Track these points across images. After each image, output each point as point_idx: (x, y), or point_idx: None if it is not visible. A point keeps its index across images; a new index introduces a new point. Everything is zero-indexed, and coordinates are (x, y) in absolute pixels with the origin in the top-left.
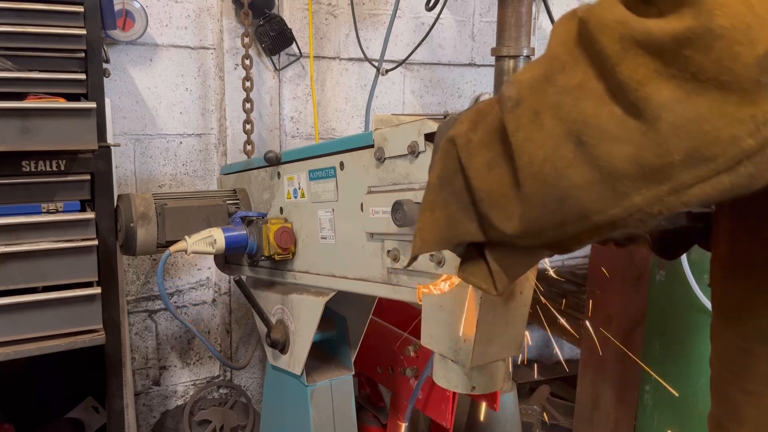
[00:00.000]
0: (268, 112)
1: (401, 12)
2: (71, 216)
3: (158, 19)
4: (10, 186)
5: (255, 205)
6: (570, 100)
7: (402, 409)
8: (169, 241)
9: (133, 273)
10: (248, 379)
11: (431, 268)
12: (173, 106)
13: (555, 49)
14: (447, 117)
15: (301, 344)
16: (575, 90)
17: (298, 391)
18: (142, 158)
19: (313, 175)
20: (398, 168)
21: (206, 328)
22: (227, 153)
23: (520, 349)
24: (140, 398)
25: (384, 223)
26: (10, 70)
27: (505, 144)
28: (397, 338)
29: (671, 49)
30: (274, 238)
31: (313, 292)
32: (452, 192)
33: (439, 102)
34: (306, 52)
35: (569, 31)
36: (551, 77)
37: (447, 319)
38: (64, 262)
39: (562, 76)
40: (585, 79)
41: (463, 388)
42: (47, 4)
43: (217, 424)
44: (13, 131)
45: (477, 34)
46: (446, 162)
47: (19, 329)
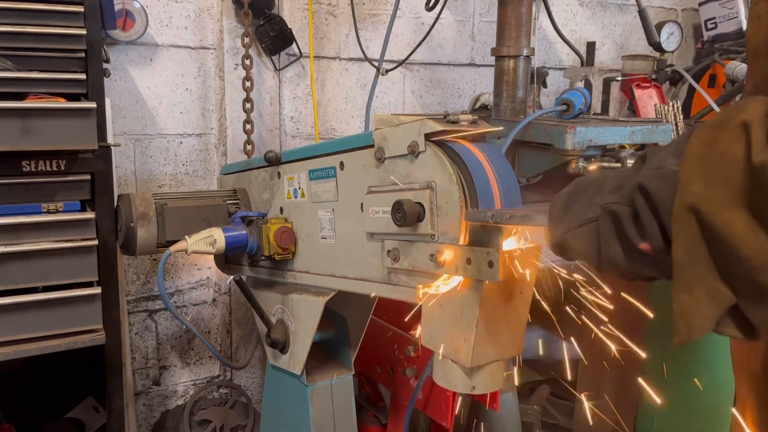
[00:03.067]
0: (268, 112)
1: (401, 12)
2: (71, 216)
3: (158, 19)
4: (10, 186)
5: (255, 205)
6: None
7: (402, 409)
8: (169, 241)
9: (133, 273)
10: (248, 379)
11: (431, 268)
12: (173, 106)
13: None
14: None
15: (301, 344)
16: None
17: (298, 391)
18: (142, 158)
19: (313, 175)
20: (398, 168)
21: (206, 328)
22: (227, 153)
23: (520, 349)
24: (140, 398)
25: (384, 223)
26: (10, 70)
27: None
28: (397, 338)
29: None
30: (274, 238)
31: (313, 292)
32: (703, 263)
33: (439, 102)
34: (306, 52)
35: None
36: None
37: (447, 319)
38: (64, 262)
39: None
40: None
41: (463, 388)
42: (47, 4)
43: (217, 424)
44: (13, 131)
45: (477, 34)
46: (690, 232)
47: (19, 329)
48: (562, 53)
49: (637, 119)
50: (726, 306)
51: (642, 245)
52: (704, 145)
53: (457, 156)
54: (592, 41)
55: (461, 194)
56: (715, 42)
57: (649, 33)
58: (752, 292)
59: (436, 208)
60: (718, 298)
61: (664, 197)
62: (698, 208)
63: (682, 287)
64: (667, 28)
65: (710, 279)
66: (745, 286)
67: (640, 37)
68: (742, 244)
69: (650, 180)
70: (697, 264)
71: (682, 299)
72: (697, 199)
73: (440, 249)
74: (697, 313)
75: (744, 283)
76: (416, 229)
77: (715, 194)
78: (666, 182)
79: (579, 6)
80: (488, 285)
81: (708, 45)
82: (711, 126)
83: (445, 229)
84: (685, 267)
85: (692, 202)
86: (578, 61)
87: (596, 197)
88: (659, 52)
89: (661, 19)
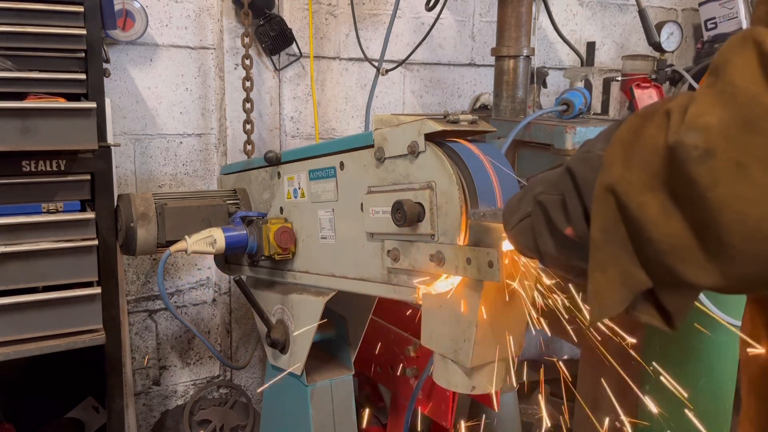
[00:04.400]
0: (268, 112)
1: (401, 12)
2: (71, 216)
3: (158, 19)
4: (10, 186)
5: (255, 205)
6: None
7: (402, 409)
8: (169, 241)
9: (133, 273)
10: (248, 379)
11: (431, 268)
12: (173, 106)
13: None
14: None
15: (301, 344)
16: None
17: (298, 391)
18: (142, 158)
19: (313, 175)
20: (398, 168)
21: (206, 328)
22: (227, 153)
23: (520, 349)
24: (140, 398)
25: (384, 223)
26: (10, 70)
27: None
28: (397, 338)
29: None
30: (274, 238)
31: (313, 292)
32: (619, 244)
33: (439, 102)
34: (306, 52)
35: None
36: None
37: (447, 319)
38: (64, 262)
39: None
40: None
41: (463, 388)
42: (47, 4)
43: (217, 424)
44: (13, 131)
45: (477, 34)
46: (607, 212)
47: (19, 329)
48: (562, 53)
49: None
50: (640, 289)
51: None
52: (630, 131)
53: (457, 156)
54: (592, 41)
55: (461, 194)
56: (715, 42)
57: (649, 33)
58: (665, 276)
59: (436, 208)
60: (632, 280)
61: (588, 180)
62: (615, 189)
63: (596, 266)
64: (667, 28)
65: (625, 260)
66: (658, 271)
67: (640, 37)
68: (653, 226)
69: (577, 163)
70: (612, 244)
71: (595, 278)
72: (616, 179)
73: (440, 249)
74: (609, 293)
75: (657, 267)
76: (416, 229)
77: (633, 177)
78: (591, 165)
79: (579, 6)
80: (488, 285)
81: (708, 45)
82: (639, 115)
83: (445, 229)
84: (600, 246)
85: (611, 183)
86: (578, 61)
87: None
88: (659, 52)
89: (661, 19)
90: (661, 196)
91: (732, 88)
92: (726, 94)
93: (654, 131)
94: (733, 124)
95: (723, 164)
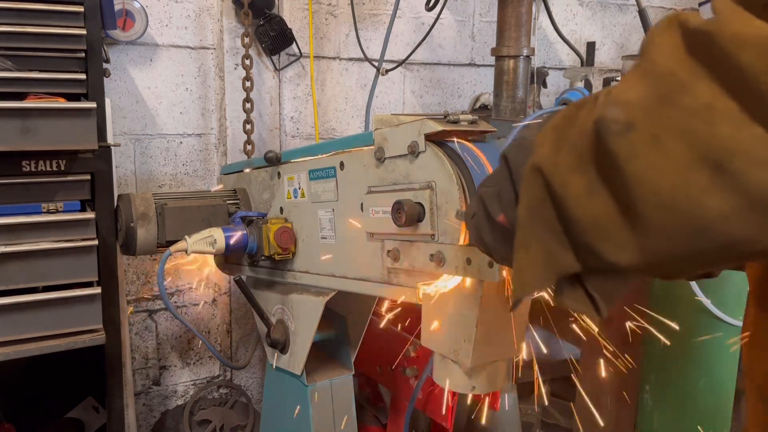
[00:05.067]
0: (268, 112)
1: (401, 12)
2: (71, 216)
3: (158, 19)
4: (10, 186)
5: (255, 205)
6: (699, 123)
7: (402, 409)
8: (169, 241)
9: (133, 273)
10: (248, 379)
11: (431, 268)
12: (173, 106)
13: (663, 63)
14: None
15: (301, 344)
16: (704, 111)
17: (298, 391)
18: (142, 158)
19: (313, 175)
20: (398, 168)
21: (206, 328)
22: (227, 153)
23: (520, 349)
24: (140, 398)
25: (384, 223)
26: (10, 70)
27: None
28: (397, 338)
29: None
30: (274, 238)
31: (313, 292)
32: (544, 224)
33: (439, 102)
34: (306, 52)
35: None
36: (668, 97)
37: (447, 318)
38: (64, 262)
39: (684, 96)
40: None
41: (463, 388)
42: (47, 4)
43: (217, 424)
44: (13, 131)
45: (477, 34)
46: (533, 191)
47: (19, 329)
48: (562, 53)
49: None
50: (566, 271)
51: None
52: (564, 118)
53: (457, 156)
54: (592, 41)
55: (461, 194)
56: None
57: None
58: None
59: (436, 208)
60: (556, 261)
61: (520, 164)
62: (542, 169)
63: (520, 245)
64: None
65: (549, 240)
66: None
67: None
68: (576, 204)
69: (510, 150)
70: (537, 223)
71: (519, 256)
72: (543, 159)
73: (440, 249)
74: (531, 271)
75: (581, 247)
76: (416, 229)
77: (560, 158)
78: (523, 150)
79: (579, 6)
80: (488, 285)
81: None
82: (575, 104)
83: (445, 229)
84: (524, 225)
85: (538, 163)
86: (578, 61)
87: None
88: None
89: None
90: (587, 176)
91: (652, 65)
92: (647, 71)
93: (584, 115)
94: (651, 99)
95: (641, 137)
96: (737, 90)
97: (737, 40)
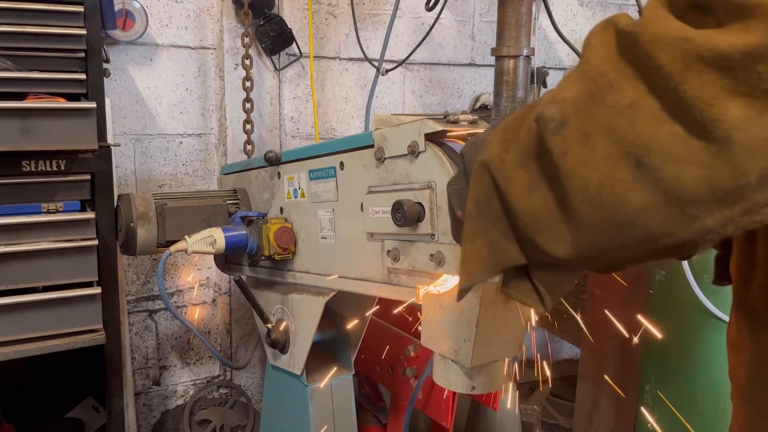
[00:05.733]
0: (268, 112)
1: (401, 12)
2: (71, 216)
3: (158, 19)
4: (10, 186)
5: (255, 205)
6: (624, 120)
7: (402, 409)
8: (169, 241)
9: (133, 273)
10: (248, 379)
11: (431, 268)
12: (173, 106)
13: (596, 64)
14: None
15: (301, 344)
16: (628, 110)
17: (298, 391)
18: (142, 158)
19: (313, 175)
20: (398, 168)
21: (206, 328)
22: (227, 153)
23: (520, 349)
24: (140, 398)
25: (384, 223)
26: (10, 70)
27: (543, 164)
28: (397, 338)
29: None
30: (274, 238)
31: (313, 292)
32: (490, 218)
33: (439, 102)
34: (306, 52)
35: (608, 45)
36: (598, 96)
37: (447, 319)
38: (64, 262)
39: (612, 94)
40: (637, 97)
41: (463, 388)
42: (47, 4)
43: (217, 424)
44: (13, 131)
45: (477, 34)
46: (481, 187)
47: (19, 329)
48: (562, 53)
49: None
50: (511, 263)
51: (458, 213)
52: (516, 118)
53: (457, 156)
54: None
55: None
56: None
57: None
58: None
59: (436, 208)
60: (501, 253)
61: (472, 161)
62: (489, 165)
63: (467, 237)
64: None
65: (494, 233)
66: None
67: None
68: (518, 199)
69: (466, 148)
70: (482, 216)
71: (465, 248)
72: (490, 157)
73: (440, 249)
74: (476, 262)
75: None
76: (416, 229)
77: (507, 155)
78: (476, 148)
79: (579, 6)
80: (488, 285)
81: None
82: (528, 105)
83: (445, 229)
84: (471, 218)
85: (486, 159)
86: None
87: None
88: None
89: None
90: (530, 173)
91: (587, 66)
92: (583, 71)
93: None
94: (582, 97)
95: (572, 133)
96: (658, 89)
97: (656, 41)
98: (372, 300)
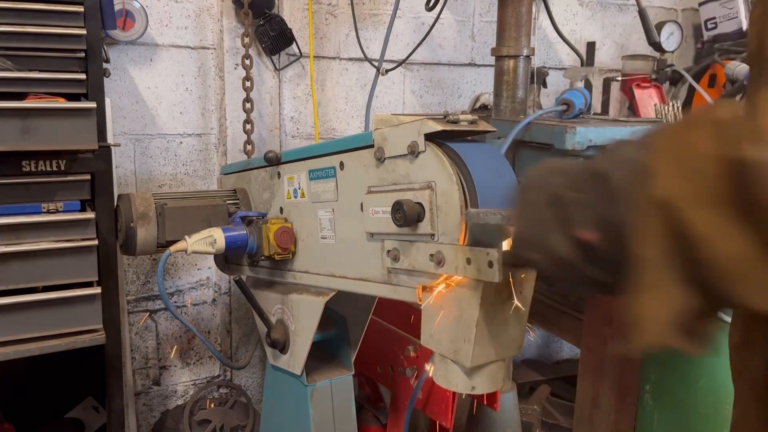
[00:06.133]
0: (268, 112)
1: (401, 12)
2: (71, 216)
3: (158, 19)
4: (10, 186)
5: (255, 205)
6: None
7: (402, 409)
8: (169, 241)
9: (133, 273)
10: (248, 379)
11: (431, 268)
12: (173, 106)
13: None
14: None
15: (301, 344)
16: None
17: (298, 391)
18: (142, 158)
19: (313, 175)
20: (398, 168)
21: (206, 328)
22: (227, 153)
23: (520, 349)
24: (140, 398)
25: (384, 223)
26: (10, 70)
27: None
28: (397, 338)
29: None
30: (274, 238)
31: (313, 292)
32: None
33: (439, 102)
34: (306, 52)
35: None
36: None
37: (447, 319)
38: (64, 262)
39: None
40: None
41: (463, 388)
42: (47, 4)
43: (217, 424)
44: (13, 131)
45: (477, 34)
46: (658, 227)
47: (19, 329)
48: (562, 53)
49: (637, 119)
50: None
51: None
52: (673, 139)
53: (457, 156)
54: (592, 41)
55: (461, 194)
56: (715, 42)
57: (649, 33)
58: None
59: (436, 208)
60: (680, 305)
61: (626, 186)
62: (669, 203)
63: (642, 287)
64: (667, 28)
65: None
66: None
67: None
68: (709, 244)
69: (612, 167)
70: (661, 263)
71: (640, 301)
72: (673, 195)
73: (440, 249)
74: (655, 318)
75: (710, 289)
76: (416, 229)
77: (691, 192)
78: (631, 172)
79: (579, 6)
80: (488, 285)
81: (708, 45)
82: (678, 124)
83: (445, 229)
84: (648, 265)
85: (666, 196)
86: (578, 61)
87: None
88: (659, 52)
89: (661, 19)
90: (725, 216)
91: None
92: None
93: (705, 140)
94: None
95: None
96: None
97: None
98: (372, 300)
